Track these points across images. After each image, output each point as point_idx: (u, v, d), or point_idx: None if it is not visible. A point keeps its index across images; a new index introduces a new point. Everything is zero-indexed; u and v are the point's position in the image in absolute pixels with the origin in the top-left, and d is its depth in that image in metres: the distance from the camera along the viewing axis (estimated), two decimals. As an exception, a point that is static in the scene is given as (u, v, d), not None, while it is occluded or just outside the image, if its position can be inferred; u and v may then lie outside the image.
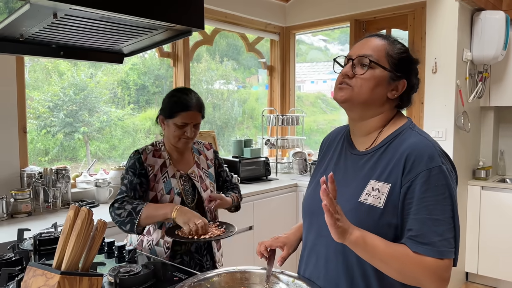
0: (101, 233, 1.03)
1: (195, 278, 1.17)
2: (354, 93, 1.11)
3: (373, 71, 1.10)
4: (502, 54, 3.38)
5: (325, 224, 1.14)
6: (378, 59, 1.11)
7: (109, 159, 3.27)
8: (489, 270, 3.50)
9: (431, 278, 0.99)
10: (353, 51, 1.15)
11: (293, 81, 4.35)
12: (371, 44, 1.13)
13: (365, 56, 1.11)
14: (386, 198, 1.05)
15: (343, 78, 1.14)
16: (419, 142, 1.08)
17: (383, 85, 1.12)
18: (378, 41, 1.14)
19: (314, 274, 1.18)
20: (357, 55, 1.12)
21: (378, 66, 1.11)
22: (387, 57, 1.12)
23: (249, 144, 3.70)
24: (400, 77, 1.13)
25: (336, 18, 3.83)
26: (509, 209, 3.37)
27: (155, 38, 1.46)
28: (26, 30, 1.30)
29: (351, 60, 1.13)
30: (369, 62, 1.10)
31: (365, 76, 1.10)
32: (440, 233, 0.99)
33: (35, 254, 1.57)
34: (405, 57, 1.14)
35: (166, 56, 3.38)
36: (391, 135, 1.14)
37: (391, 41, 1.15)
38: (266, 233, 3.15)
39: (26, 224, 2.15)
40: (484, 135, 3.90)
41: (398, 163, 1.06)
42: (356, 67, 1.12)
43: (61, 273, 0.93)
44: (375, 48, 1.12)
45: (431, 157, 1.04)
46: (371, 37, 1.16)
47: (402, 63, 1.13)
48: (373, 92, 1.11)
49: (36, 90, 2.90)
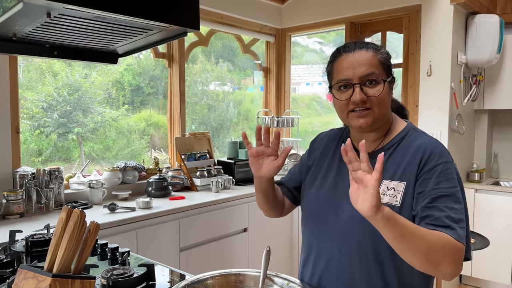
0: (94, 235, 1.02)
1: (188, 280, 1.16)
2: (376, 114, 1.10)
3: (381, 86, 1.09)
4: (496, 57, 3.40)
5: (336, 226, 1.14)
6: (379, 72, 1.10)
7: (103, 160, 3.25)
8: (483, 273, 3.51)
9: (453, 260, 0.96)
10: (349, 72, 1.10)
11: (288, 83, 4.35)
12: (364, 58, 1.10)
13: (369, 74, 1.08)
14: (402, 196, 1.06)
15: (355, 105, 1.09)
16: (429, 141, 1.12)
17: (390, 94, 1.15)
18: (367, 53, 1.10)
19: (325, 278, 1.18)
20: (360, 76, 1.09)
21: (385, 80, 1.10)
22: (383, 66, 1.11)
23: (244, 146, 3.69)
24: (393, 78, 1.15)
25: (332, 20, 3.84)
26: (502, 211, 3.38)
27: (150, 39, 1.45)
28: (19, 29, 1.29)
29: (357, 85, 1.08)
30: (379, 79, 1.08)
31: (383, 93, 1.09)
32: (457, 220, 1.00)
33: (27, 256, 1.55)
34: (390, 58, 1.15)
35: (161, 57, 3.37)
36: (397, 137, 1.16)
37: (376, 48, 1.13)
38: (261, 235, 3.14)
39: (18, 225, 2.13)
40: (478, 138, 3.93)
41: (413, 161, 1.08)
42: (365, 88, 1.09)
43: (52, 276, 0.92)
44: (371, 63, 1.09)
45: (443, 153, 1.08)
46: (356, 51, 1.11)
47: (390, 65, 1.15)
48: (387, 103, 1.12)
49: (30, 90, 2.88)
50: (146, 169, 3.14)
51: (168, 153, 3.50)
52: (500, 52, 3.42)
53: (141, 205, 2.49)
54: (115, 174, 2.88)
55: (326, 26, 3.93)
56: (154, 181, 2.88)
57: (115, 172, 2.88)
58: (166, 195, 2.87)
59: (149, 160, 3.38)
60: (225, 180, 3.15)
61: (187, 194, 2.94)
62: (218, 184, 3.05)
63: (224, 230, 2.89)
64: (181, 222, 2.58)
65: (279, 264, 3.34)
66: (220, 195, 2.95)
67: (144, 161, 3.21)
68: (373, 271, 1.10)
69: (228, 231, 2.92)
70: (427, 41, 3.31)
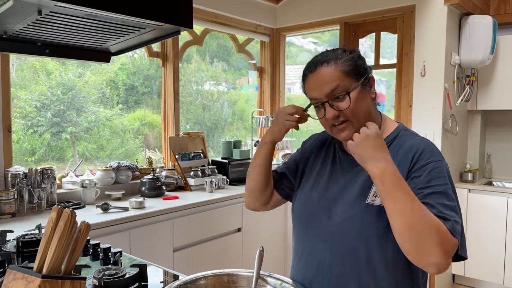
0: (85, 235, 1.01)
1: (181, 281, 1.15)
2: (355, 124, 1.10)
3: (352, 93, 1.08)
4: (489, 58, 3.42)
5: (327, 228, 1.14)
6: (344, 83, 1.08)
7: (97, 159, 3.23)
8: (476, 272, 3.53)
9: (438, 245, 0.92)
10: (315, 92, 1.11)
11: (283, 83, 4.35)
12: (326, 76, 1.09)
13: (334, 89, 1.08)
14: None
15: (332, 121, 1.10)
16: (421, 141, 1.11)
17: (365, 96, 1.12)
18: (328, 69, 1.09)
19: (316, 281, 1.16)
20: (326, 94, 1.09)
21: (351, 91, 1.08)
22: (348, 75, 1.09)
23: (239, 146, 3.69)
24: (366, 77, 1.12)
25: (326, 20, 3.84)
26: (495, 211, 3.40)
27: (143, 37, 1.44)
28: (10, 27, 1.27)
29: (326, 103, 1.09)
30: (343, 93, 1.07)
31: (352, 104, 1.08)
32: (449, 216, 0.98)
33: (18, 256, 1.53)
34: (356, 60, 1.12)
35: (155, 56, 3.35)
36: (388, 137, 1.16)
37: (335, 57, 1.10)
38: (254, 235, 3.14)
39: (10, 225, 2.11)
40: (471, 138, 3.95)
41: (405, 160, 1.08)
42: (335, 104, 1.09)
43: (42, 277, 0.91)
44: (333, 78, 1.08)
45: (434, 152, 1.08)
46: (317, 69, 1.10)
47: (359, 67, 1.11)
48: (365, 108, 1.11)
49: (23, 89, 2.85)
50: (140, 168, 3.12)
51: (162, 153, 3.48)
52: (493, 53, 3.44)
53: (134, 205, 2.48)
54: (108, 173, 2.86)
55: (321, 26, 3.93)
56: (148, 181, 2.86)
57: (108, 172, 2.86)
58: (159, 195, 2.85)
59: (143, 160, 3.36)
60: (219, 180, 3.14)
61: (180, 194, 2.92)
62: (212, 184, 3.04)
63: (218, 230, 2.88)
64: (174, 222, 2.57)
65: (273, 264, 3.33)
66: (214, 195, 2.94)
67: (138, 161, 3.20)
68: (365, 275, 1.09)
69: (222, 231, 2.91)
70: (421, 41, 3.32)
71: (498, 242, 3.39)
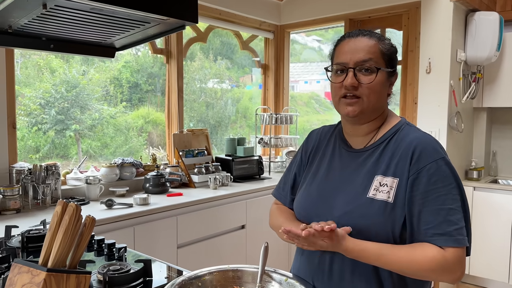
0: (90, 229, 1.00)
1: (186, 276, 1.15)
2: (365, 104, 1.08)
3: (374, 75, 1.07)
4: (495, 55, 3.39)
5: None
6: (377, 61, 1.08)
7: (101, 157, 3.23)
8: (481, 271, 3.51)
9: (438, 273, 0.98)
10: (346, 56, 1.09)
11: (287, 80, 4.33)
12: (364, 45, 1.08)
13: (366, 61, 1.07)
14: (395, 192, 1.05)
15: (346, 90, 1.09)
16: (422, 136, 1.09)
17: (385, 86, 1.12)
18: (369, 41, 1.09)
19: (316, 277, 1.16)
20: (356, 62, 1.07)
21: (380, 69, 1.08)
22: (383, 56, 1.09)
23: (242, 143, 3.68)
24: (394, 71, 1.13)
25: (331, 17, 3.82)
26: (500, 209, 3.38)
27: (147, 32, 1.43)
28: (15, 21, 1.27)
29: (351, 70, 1.08)
30: (373, 67, 1.07)
31: (375, 82, 1.07)
32: (455, 222, 0.99)
33: (23, 251, 1.53)
34: (395, 51, 1.13)
35: (159, 53, 3.35)
36: (390, 131, 1.14)
37: (379, 37, 1.12)
38: (258, 232, 3.13)
39: (14, 221, 2.11)
40: (476, 135, 3.92)
41: (405, 156, 1.06)
42: (358, 74, 1.08)
43: (47, 270, 0.90)
44: (370, 50, 1.08)
45: (436, 150, 1.06)
46: (359, 37, 1.10)
47: (393, 58, 1.13)
48: (381, 96, 1.10)
49: (28, 87, 2.85)
50: (144, 165, 3.12)
51: (166, 151, 3.48)
52: (499, 49, 3.41)
53: (138, 201, 2.47)
54: (113, 170, 2.86)
55: (325, 22, 3.92)
56: (152, 178, 2.86)
57: (112, 168, 2.86)
58: (163, 192, 2.85)
59: (147, 157, 3.36)
60: (223, 177, 3.14)
61: (184, 191, 2.92)
62: (216, 181, 3.04)
63: (222, 227, 2.88)
64: (178, 218, 2.57)
65: (277, 261, 3.33)
66: (218, 192, 2.93)
67: (142, 158, 3.20)
68: (365, 271, 1.08)
69: (226, 228, 2.91)
70: (427, 38, 3.30)
71: (503, 240, 3.37)
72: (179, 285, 1.09)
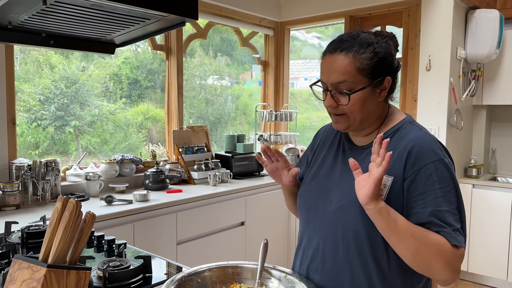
0: (90, 225, 1.00)
1: (185, 272, 1.15)
2: (351, 120, 1.10)
3: (355, 94, 1.06)
4: (495, 52, 3.39)
5: (322, 216, 1.14)
6: (354, 80, 1.05)
7: (100, 153, 3.23)
8: (479, 268, 3.52)
9: (444, 264, 0.97)
10: (324, 76, 1.09)
11: (287, 77, 4.33)
12: (339, 65, 1.05)
13: (340, 82, 1.06)
14: (388, 190, 1.05)
15: (330, 110, 1.12)
16: (421, 136, 1.08)
17: (371, 98, 1.09)
18: (345, 59, 1.05)
19: (311, 268, 1.17)
20: (332, 83, 1.07)
21: (354, 92, 1.05)
22: (361, 72, 1.05)
23: (242, 140, 3.68)
24: (382, 79, 1.09)
25: (331, 14, 3.82)
26: (499, 207, 3.39)
27: (147, 28, 1.43)
28: (15, 17, 1.27)
29: (328, 91, 1.09)
30: (344, 91, 1.06)
31: (351, 103, 1.07)
32: (450, 224, 0.99)
33: (23, 247, 1.54)
34: (377, 61, 1.07)
35: (159, 49, 3.34)
36: (391, 129, 1.14)
37: (357, 51, 1.06)
38: (258, 228, 3.14)
39: (14, 217, 2.11)
40: (476, 133, 3.92)
41: (401, 156, 1.06)
42: (336, 95, 1.08)
43: (47, 266, 0.91)
44: (345, 70, 1.05)
45: (434, 151, 1.05)
46: (335, 54, 1.07)
47: (377, 67, 1.07)
48: (366, 109, 1.09)
49: (27, 83, 2.85)
50: (144, 162, 3.13)
51: (165, 147, 3.48)
52: (499, 47, 3.41)
53: (138, 197, 2.48)
54: (112, 166, 2.87)
55: (326, 19, 3.91)
56: (151, 174, 2.86)
57: (112, 165, 2.86)
58: (163, 188, 2.86)
59: (147, 153, 3.36)
60: (222, 174, 3.14)
61: (184, 187, 2.92)
62: (215, 178, 3.04)
63: (222, 224, 2.88)
64: (178, 215, 2.58)
65: (277, 257, 3.34)
66: (217, 188, 2.94)
67: (142, 154, 3.20)
68: (356, 264, 1.09)
69: (226, 224, 2.91)
70: (427, 35, 3.30)
71: (502, 237, 3.38)
72: (178, 281, 1.10)
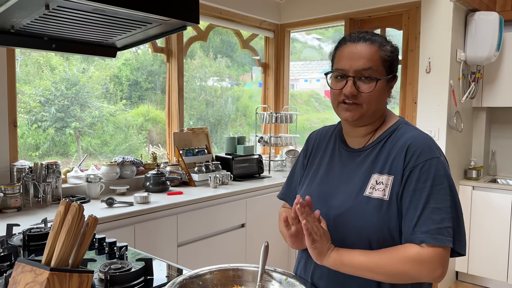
0: (92, 229, 1.01)
1: (187, 275, 1.16)
2: (364, 110, 1.10)
3: (374, 83, 1.07)
4: (495, 55, 3.40)
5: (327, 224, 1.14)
6: (377, 69, 1.07)
7: (101, 155, 3.24)
8: (479, 270, 3.53)
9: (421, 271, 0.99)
10: (346, 63, 1.09)
11: (287, 79, 4.34)
12: (365, 53, 1.07)
13: (366, 69, 1.07)
14: (390, 189, 1.06)
15: (345, 97, 1.09)
16: (418, 135, 1.10)
17: (385, 91, 1.13)
18: (370, 47, 1.08)
19: (316, 274, 1.17)
20: (356, 70, 1.07)
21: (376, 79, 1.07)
22: (384, 64, 1.09)
23: (242, 142, 3.69)
24: (394, 76, 1.13)
25: (331, 16, 3.83)
26: (499, 209, 3.39)
27: (149, 32, 1.43)
28: (17, 21, 1.27)
29: (350, 78, 1.08)
30: (373, 77, 1.07)
31: (374, 90, 1.07)
32: (438, 221, 0.99)
33: (24, 250, 1.54)
34: (396, 55, 1.13)
35: (160, 52, 3.35)
36: (387, 131, 1.15)
37: (380, 43, 1.10)
38: (258, 230, 3.14)
39: (16, 219, 2.12)
40: (476, 135, 3.93)
41: (400, 154, 1.08)
42: (358, 83, 1.08)
43: (50, 270, 0.91)
44: (371, 58, 1.07)
45: (431, 149, 1.07)
46: (360, 43, 1.09)
47: (394, 63, 1.12)
48: (380, 101, 1.11)
49: (27, 85, 2.86)
50: (144, 164, 3.13)
51: (165, 149, 3.49)
52: (499, 49, 3.42)
53: (139, 200, 2.48)
54: (113, 168, 2.87)
55: (326, 22, 3.92)
56: (152, 176, 2.87)
57: (113, 167, 2.87)
58: (164, 190, 2.86)
59: (147, 155, 3.37)
60: (223, 176, 3.15)
61: (185, 189, 2.93)
62: (216, 180, 3.05)
63: (222, 226, 2.89)
64: (179, 217, 2.58)
65: (277, 260, 3.34)
66: (218, 190, 2.94)
67: (142, 156, 3.20)
68: None
69: (226, 226, 2.92)
70: (427, 38, 3.31)
71: (502, 239, 3.39)
72: (180, 284, 1.10)
